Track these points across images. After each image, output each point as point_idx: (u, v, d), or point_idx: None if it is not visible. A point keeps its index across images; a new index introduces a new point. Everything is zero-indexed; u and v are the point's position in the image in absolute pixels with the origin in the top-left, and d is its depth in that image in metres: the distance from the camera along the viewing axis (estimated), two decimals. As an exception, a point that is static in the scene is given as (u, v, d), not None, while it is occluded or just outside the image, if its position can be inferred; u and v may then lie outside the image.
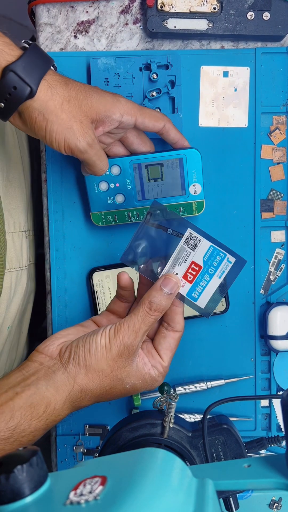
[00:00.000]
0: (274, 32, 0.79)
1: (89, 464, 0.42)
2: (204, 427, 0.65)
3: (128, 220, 0.79)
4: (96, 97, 0.67)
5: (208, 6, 0.78)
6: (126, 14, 0.81)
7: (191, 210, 0.79)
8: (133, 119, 0.70)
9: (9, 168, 0.80)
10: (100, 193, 0.78)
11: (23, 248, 0.82)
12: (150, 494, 0.35)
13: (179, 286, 0.63)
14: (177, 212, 0.78)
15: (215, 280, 0.63)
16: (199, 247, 0.63)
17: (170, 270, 0.64)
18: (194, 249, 0.63)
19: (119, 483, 0.37)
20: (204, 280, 0.64)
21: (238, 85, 0.81)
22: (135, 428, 0.67)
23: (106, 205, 0.79)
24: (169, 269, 0.64)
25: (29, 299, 0.88)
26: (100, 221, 0.79)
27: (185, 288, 0.64)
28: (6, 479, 0.37)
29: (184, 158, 0.77)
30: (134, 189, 0.78)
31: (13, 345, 0.86)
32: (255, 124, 0.82)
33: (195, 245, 0.63)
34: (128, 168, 0.77)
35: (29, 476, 0.38)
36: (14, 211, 0.81)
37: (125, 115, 0.69)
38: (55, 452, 0.86)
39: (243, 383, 0.85)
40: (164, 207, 0.64)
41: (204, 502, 0.38)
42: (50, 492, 0.38)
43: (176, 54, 0.79)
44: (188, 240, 0.63)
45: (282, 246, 0.84)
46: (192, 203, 0.79)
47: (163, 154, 0.77)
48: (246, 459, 0.48)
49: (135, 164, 0.77)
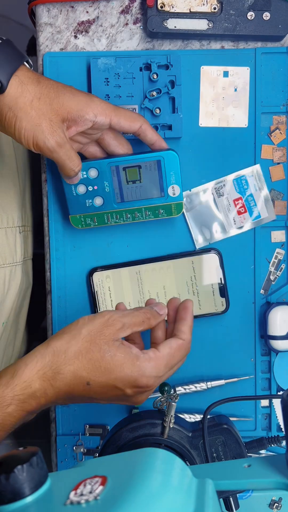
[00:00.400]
0: (274, 32, 0.79)
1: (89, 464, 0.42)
2: (204, 427, 0.65)
3: (108, 223, 0.79)
4: (69, 96, 0.66)
5: (208, 6, 0.78)
6: (126, 14, 0.81)
7: (170, 212, 0.79)
8: (107, 119, 0.69)
9: (2, 163, 0.80)
10: (79, 196, 0.78)
11: (17, 244, 0.82)
12: (150, 494, 0.35)
13: (161, 315, 0.68)
14: (157, 214, 0.79)
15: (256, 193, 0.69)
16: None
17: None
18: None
19: (120, 483, 0.37)
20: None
21: (238, 85, 0.81)
22: (135, 428, 0.67)
23: (85, 207, 0.78)
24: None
25: (26, 295, 0.88)
26: (79, 224, 0.79)
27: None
28: (6, 479, 0.37)
29: (162, 160, 0.76)
30: (113, 191, 0.78)
31: (9, 342, 0.86)
32: (255, 124, 0.82)
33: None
34: (106, 170, 0.76)
35: (29, 476, 0.38)
36: (7, 206, 0.81)
37: (99, 116, 0.68)
38: (55, 452, 0.86)
39: (243, 383, 0.85)
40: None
41: (204, 502, 0.38)
42: (50, 492, 0.38)
43: (176, 54, 0.79)
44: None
45: (282, 246, 0.84)
46: (171, 204, 0.78)
47: (140, 156, 0.76)
48: (246, 459, 0.48)
49: (113, 167, 0.77)
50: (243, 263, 0.84)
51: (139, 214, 0.78)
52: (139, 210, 0.78)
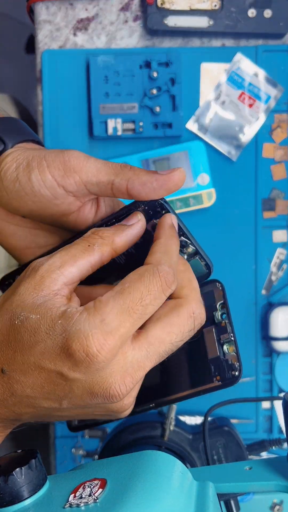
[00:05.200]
0: (275, 30, 0.78)
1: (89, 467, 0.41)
2: (205, 429, 0.65)
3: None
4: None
5: (209, 3, 0.77)
6: (126, 11, 0.80)
7: (201, 201, 0.80)
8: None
9: None
10: None
11: None
12: (150, 497, 0.35)
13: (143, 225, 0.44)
14: (188, 204, 0.80)
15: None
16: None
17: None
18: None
19: (119, 486, 0.36)
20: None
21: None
22: (135, 430, 0.66)
23: None
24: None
25: None
26: None
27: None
28: (5, 481, 0.36)
29: (189, 150, 0.78)
30: None
31: None
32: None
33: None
34: (136, 165, 0.77)
35: (28, 478, 0.37)
36: None
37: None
38: (54, 454, 0.85)
39: (244, 384, 0.84)
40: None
41: (204, 505, 0.38)
42: (49, 495, 0.38)
43: (176, 52, 0.78)
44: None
45: (284, 246, 0.83)
46: (202, 193, 0.80)
47: (168, 148, 0.79)
48: (247, 462, 0.48)
49: (143, 161, 0.78)
50: (244, 264, 0.83)
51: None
52: (170, 202, 0.79)
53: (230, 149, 0.81)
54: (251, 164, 0.82)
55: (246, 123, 0.80)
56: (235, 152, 0.81)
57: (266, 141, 0.82)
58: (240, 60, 0.79)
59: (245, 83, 0.80)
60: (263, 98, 0.80)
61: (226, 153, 0.81)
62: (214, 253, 0.83)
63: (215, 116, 0.80)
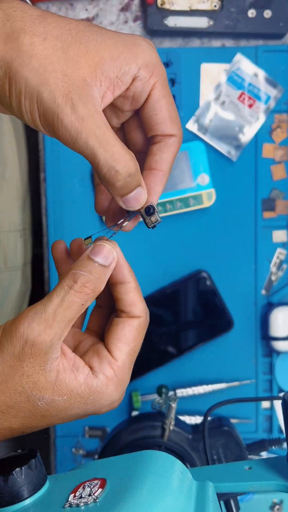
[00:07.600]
0: (275, 30, 0.78)
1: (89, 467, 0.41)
2: (205, 429, 0.65)
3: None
4: (100, 37, 0.39)
5: (209, 3, 0.77)
6: (126, 11, 0.80)
7: (201, 201, 0.80)
8: (148, 85, 0.41)
9: (5, 167, 0.79)
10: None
11: (18, 248, 0.82)
12: (150, 497, 0.35)
13: (114, 257, 0.43)
14: (188, 204, 0.80)
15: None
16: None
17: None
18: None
19: (119, 486, 0.36)
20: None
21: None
22: (135, 430, 0.66)
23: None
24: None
25: (24, 299, 0.87)
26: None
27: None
28: (5, 481, 0.36)
29: (189, 150, 0.78)
30: None
31: None
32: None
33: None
34: None
35: (28, 478, 0.37)
36: (9, 210, 0.80)
37: (142, 69, 0.40)
38: (54, 454, 0.85)
39: (244, 384, 0.84)
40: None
41: (204, 504, 0.38)
42: (49, 494, 0.38)
43: (176, 52, 0.78)
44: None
45: (284, 246, 0.83)
46: (201, 194, 0.80)
47: None
48: (247, 461, 0.48)
49: None
50: (244, 264, 0.83)
51: (171, 206, 0.79)
52: (170, 202, 0.79)
53: (230, 149, 0.81)
54: (251, 164, 0.82)
55: (246, 123, 0.80)
56: (235, 152, 0.81)
57: (266, 141, 0.82)
58: (240, 60, 0.79)
59: (245, 83, 0.80)
60: (263, 98, 0.80)
61: (226, 153, 0.81)
62: (214, 253, 0.83)
63: (215, 116, 0.80)
